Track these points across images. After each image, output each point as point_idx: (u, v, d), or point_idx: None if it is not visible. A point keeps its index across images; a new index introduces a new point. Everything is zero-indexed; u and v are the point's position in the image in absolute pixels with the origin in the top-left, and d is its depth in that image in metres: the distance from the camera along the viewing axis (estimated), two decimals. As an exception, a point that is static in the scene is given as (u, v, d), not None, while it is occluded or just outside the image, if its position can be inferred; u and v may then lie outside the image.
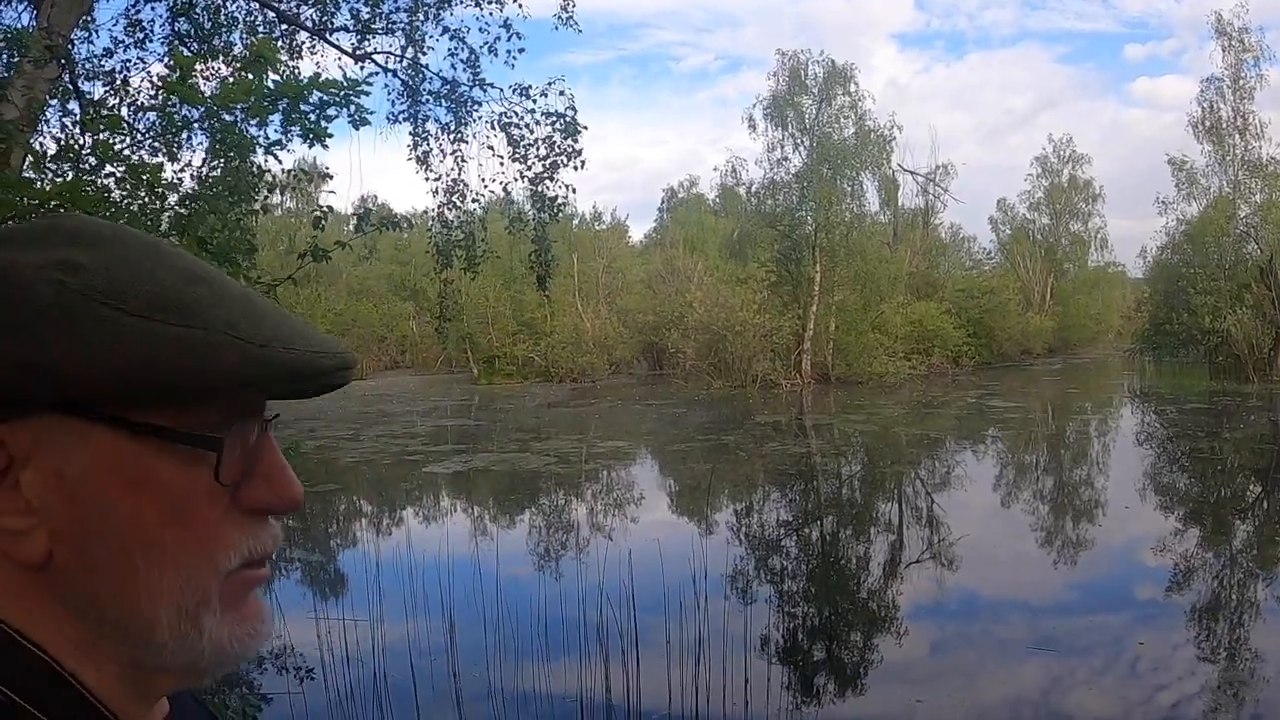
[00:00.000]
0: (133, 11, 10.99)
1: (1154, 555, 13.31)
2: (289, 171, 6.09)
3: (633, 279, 61.75)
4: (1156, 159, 53.39)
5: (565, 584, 11.35)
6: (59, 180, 4.72)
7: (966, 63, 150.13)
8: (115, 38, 11.04)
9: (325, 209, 5.83)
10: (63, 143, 5.26)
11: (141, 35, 11.08)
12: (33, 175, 4.86)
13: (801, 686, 9.10)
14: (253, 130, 5.32)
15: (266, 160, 5.77)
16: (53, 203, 4.12)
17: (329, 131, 4.87)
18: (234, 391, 0.82)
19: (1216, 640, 9.95)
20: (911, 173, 57.03)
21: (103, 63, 10.73)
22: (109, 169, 4.86)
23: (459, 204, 13.28)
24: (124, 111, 8.37)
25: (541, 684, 8.67)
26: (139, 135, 5.76)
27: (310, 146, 4.90)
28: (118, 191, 5.00)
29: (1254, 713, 8.03)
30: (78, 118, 7.81)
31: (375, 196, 50.77)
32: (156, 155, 5.77)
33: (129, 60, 10.94)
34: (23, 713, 0.78)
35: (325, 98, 4.70)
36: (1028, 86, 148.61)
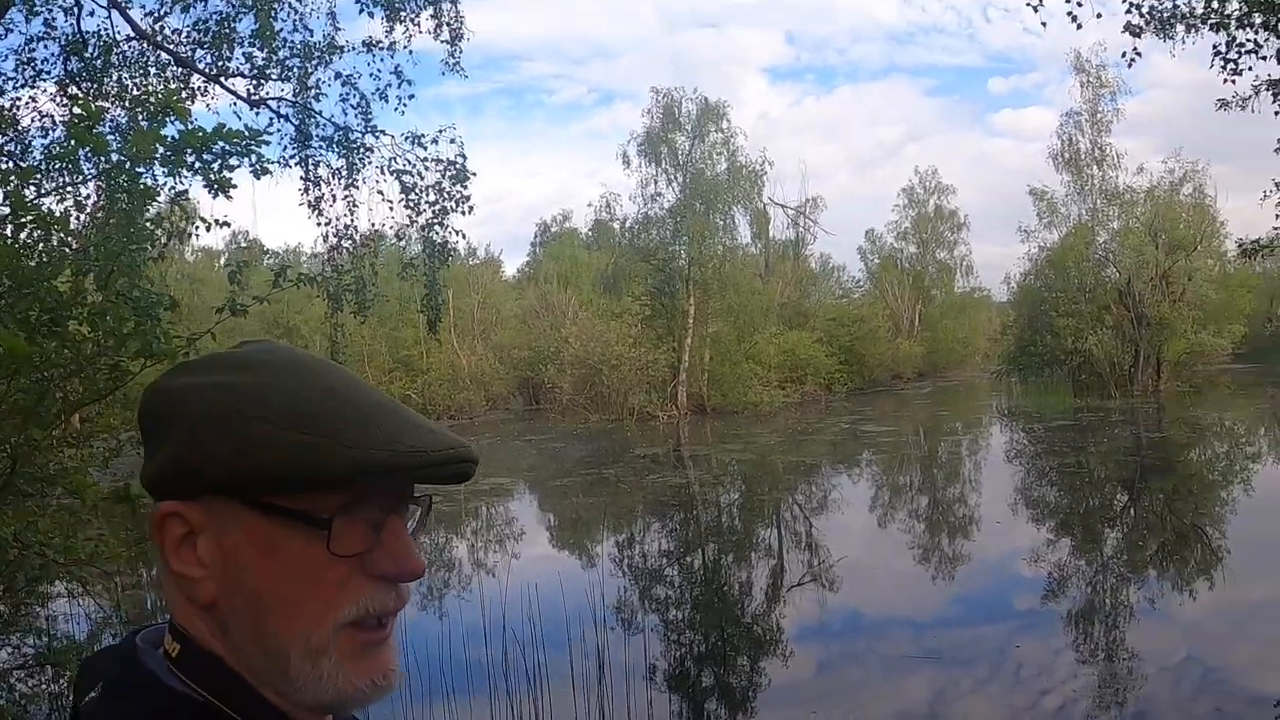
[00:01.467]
0: (25, 50, 10.78)
1: (1029, 566, 13.67)
2: (187, 219, 6.03)
3: (507, 314, 61.60)
4: (1021, 187, 55.20)
5: (463, 623, 11.24)
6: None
7: (836, 96, 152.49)
8: (3, 74, 10.84)
9: (241, 263, 5.83)
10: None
11: (32, 74, 10.88)
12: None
13: (693, 713, 9.17)
14: (154, 175, 5.28)
15: (171, 208, 5.74)
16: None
17: (233, 182, 4.89)
18: (347, 483, 1.03)
19: (1094, 642, 10.27)
20: (782, 206, 57.90)
21: (-7, 101, 10.52)
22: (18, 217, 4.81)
23: (349, 249, 13.21)
24: (11, 148, 8.22)
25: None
26: (41, 182, 5.67)
27: (214, 197, 4.90)
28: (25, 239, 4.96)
29: (1136, 710, 8.30)
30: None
31: (247, 233, 49.95)
32: (53, 199, 5.73)
33: (18, 99, 10.74)
34: None
35: (228, 147, 4.70)
36: (897, 119, 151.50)
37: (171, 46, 11.64)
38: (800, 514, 19.74)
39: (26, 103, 10.80)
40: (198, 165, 4.89)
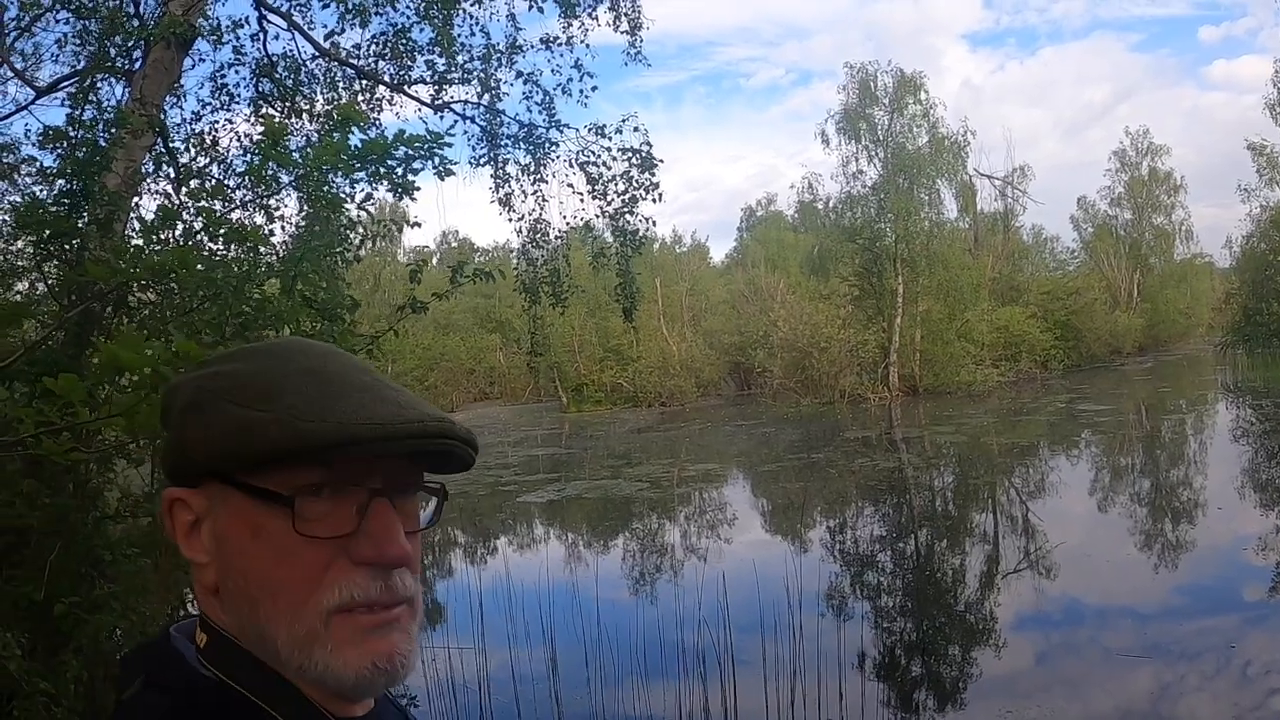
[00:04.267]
0: (218, 76, 11.35)
1: (1257, 555, 13.10)
2: (379, 221, 6.29)
3: (716, 300, 61.87)
4: (1240, 143, 52.42)
5: (662, 607, 11.44)
6: (165, 245, 4.99)
7: (1039, 58, 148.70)
8: (201, 100, 11.42)
9: (420, 262, 6.04)
10: (163, 207, 5.55)
11: (227, 98, 11.45)
12: (140, 242, 5.12)
13: (900, 702, 9.11)
14: (339, 183, 5.53)
15: (359, 214, 5.98)
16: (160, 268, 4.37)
17: (417, 185, 5.06)
18: (324, 463, 1.04)
19: (1326, 639, 9.78)
20: (988, 177, 56.47)
21: (191, 126, 11.13)
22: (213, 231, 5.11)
23: (543, 242, 13.49)
24: (214, 169, 8.71)
25: (642, 706, 8.78)
26: (234, 197, 6.01)
27: (399, 199, 5.08)
28: (222, 250, 5.27)
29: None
30: (172, 179, 8.13)
31: (457, 232, 51.43)
32: (250, 213, 6.05)
33: (216, 122, 11.30)
34: (264, 714, 1.05)
35: (410, 152, 4.88)
36: (1104, 78, 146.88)
37: (354, 61, 12.06)
38: (1016, 498, 19.33)
39: (224, 125, 11.37)
40: (382, 171, 5.11)
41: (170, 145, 9.19)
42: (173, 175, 8.57)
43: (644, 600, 12.87)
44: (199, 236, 5.32)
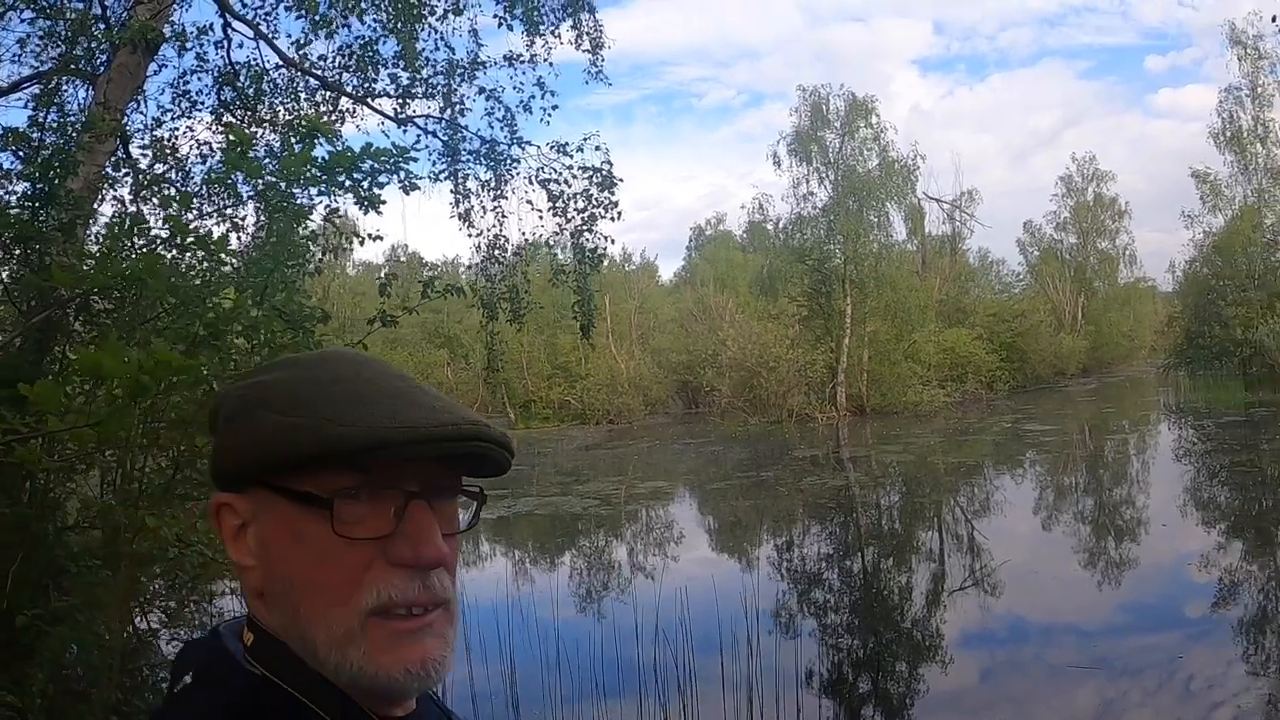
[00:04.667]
0: (180, 83, 11.33)
1: (1199, 571, 13.30)
2: (342, 234, 6.32)
3: (664, 318, 61.89)
4: (1184, 170, 53.46)
5: (618, 624, 11.43)
6: (129, 252, 5.00)
7: (989, 84, 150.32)
8: (162, 106, 11.39)
9: (390, 275, 6.08)
10: (130, 214, 5.56)
11: (188, 104, 11.42)
12: (100, 249, 5.12)
13: (850, 718, 9.18)
14: (304, 194, 5.55)
15: (324, 226, 6.02)
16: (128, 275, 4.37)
17: (383, 199, 5.09)
18: (362, 466, 1.08)
19: (1267, 654, 9.95)
20: (937, 200, 57.23)
21: (152, 133, 11.09)
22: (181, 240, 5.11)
23: (501, 258, 13.51)
24: (173, 177, 8.69)
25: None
26: (196, 206, 6.01)
27: (365, 213, 5.11)
28: (181, 259, 5.27)
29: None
30: (131, 185, 8.11)
31: (406, 246, 51.36)
32: (213, 221, 6.06)
33: (176, 129, 11.28)
34: (309, 713, 1.08)
35: (376, 165, 4.91)
36: (1052, 105, 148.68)
37: (318, 72, 12.06)
38: (962, 517, 19.51)
39: (184, 131, 11.33)
40: (348, 183, 5.12)
41: (129, 151, 9.16)
42: (131, 181, 8.54)
43: (599, 617, 12.84)
44: (156, 246, 5.31)
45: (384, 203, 5.11)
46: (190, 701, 1.10)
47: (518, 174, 12.90)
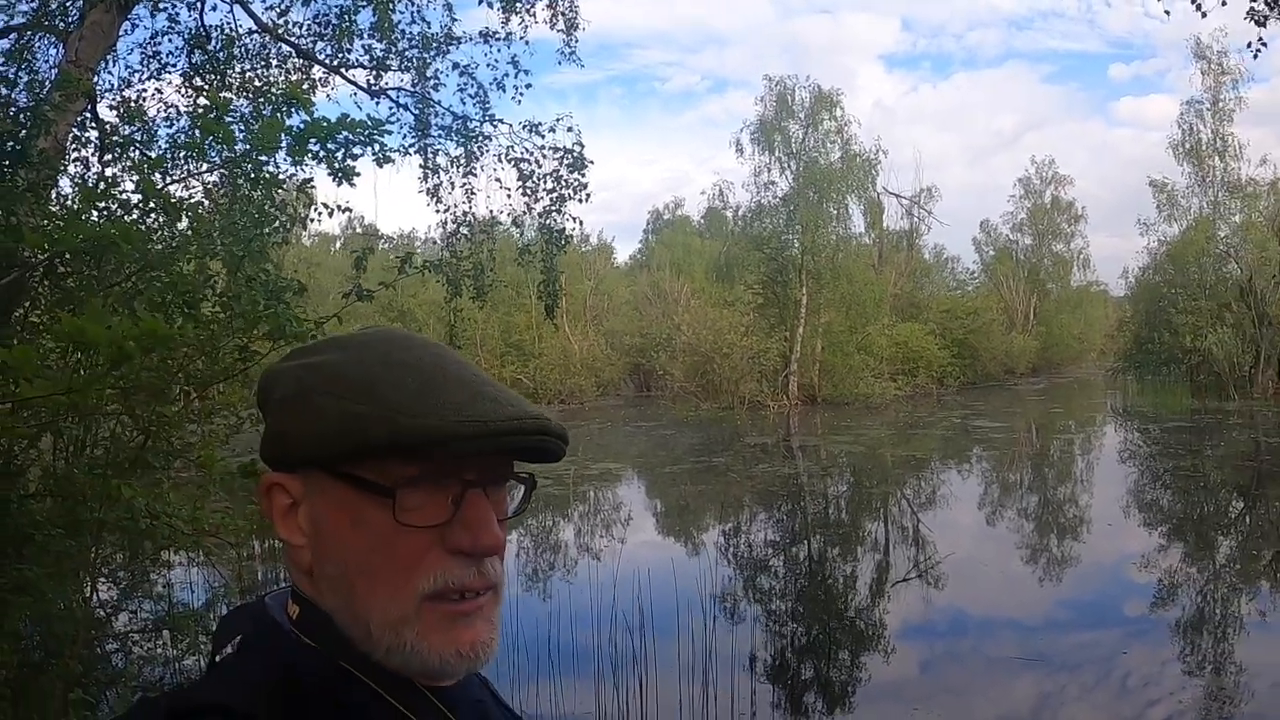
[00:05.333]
0: (151, 44, 11.21)
1: (1139, 571, 13.55)
2: (313, 205, 6.27)
3: (619, 300, 61.84)
4: (1143, 178, 54.01)
5: (572, 604, 11.44)
6: (100, 215, 4.98)
7: (953, 83, 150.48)
8: (130, 67, 11.27)
9: (367, 249, 6.04)
10: (88, 175, 5.52)
11: (158, 66, 11.30)
12: (77, 209, 5.08)
13: (792, 706, 9.28)
14: (277, 162, 5.53)
15: (296, 196, 6.01)
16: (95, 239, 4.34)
17: (357, 171, 5.08)
18: (425, 454, 1.08)
19: (1203, 654, 10.15)
20: (896, 196, 57.38)
21: (120, 93, 10.98)
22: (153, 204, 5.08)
23: (468, 235, 13.49)
24: (139, 139, 8.61)
25: (556, 707, 8.82)
26: (168, 171, 5.98)
27: (339, 185, 5.10)
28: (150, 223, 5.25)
29: (1242, 726, 8.25)
30: (97, 146, 8.03)
31: (362, 218, 51.07)
32: (179, 186, 6.03)
33: (144, 90, 11.17)
34: (359, 683, 1.10)
35: (351, 137, 4.90)
36: (1015, 107, 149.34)
37: (292, 39, 11.97)
38: (908, 509, 19.69)
39: (153, 94, 11.22)
40: (322, 154, 5.07)
41: (96, 110, 9.08)
42: (98, 142, 8.46)
43: (551, 598, 12.86)
44: (125, 211, 5.28)
45: (358, 174, 5.10)
46: (242, 666, 1.11)
47: (488, 151, 12.89)
